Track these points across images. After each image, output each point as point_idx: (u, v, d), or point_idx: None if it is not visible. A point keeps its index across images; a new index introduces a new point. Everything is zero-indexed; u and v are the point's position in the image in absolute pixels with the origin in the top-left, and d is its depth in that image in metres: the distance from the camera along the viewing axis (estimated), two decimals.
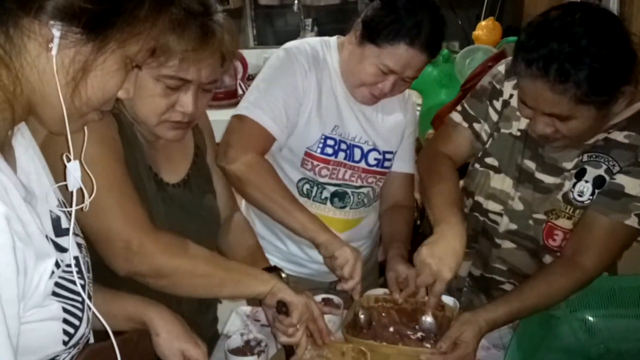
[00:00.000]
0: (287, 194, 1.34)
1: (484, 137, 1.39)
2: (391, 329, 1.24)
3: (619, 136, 1.22)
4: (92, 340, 0.84)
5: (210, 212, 1.27)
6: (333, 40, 1.49)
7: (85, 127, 0.77)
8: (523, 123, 1.31)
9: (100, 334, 0.84)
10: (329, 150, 1.45)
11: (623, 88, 1.11)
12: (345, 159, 1.46)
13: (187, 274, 1.04)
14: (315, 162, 1.44)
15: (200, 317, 1.29)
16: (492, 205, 1.36)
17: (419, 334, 1.22)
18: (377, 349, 1.14)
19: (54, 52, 0.63)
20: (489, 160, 1.37)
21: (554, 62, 1.07)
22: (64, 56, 0.65)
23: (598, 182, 1.22)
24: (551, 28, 1.10)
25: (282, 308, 1.09)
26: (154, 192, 1.12)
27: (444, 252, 1.20)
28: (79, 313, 0.73)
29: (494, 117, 1.36)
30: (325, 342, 1.14)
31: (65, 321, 0.71)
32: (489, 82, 1.38)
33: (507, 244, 1.36)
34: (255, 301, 1.35)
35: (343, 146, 1.46)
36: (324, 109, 1.44)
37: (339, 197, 1.50)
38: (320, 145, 1.44)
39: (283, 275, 1.27)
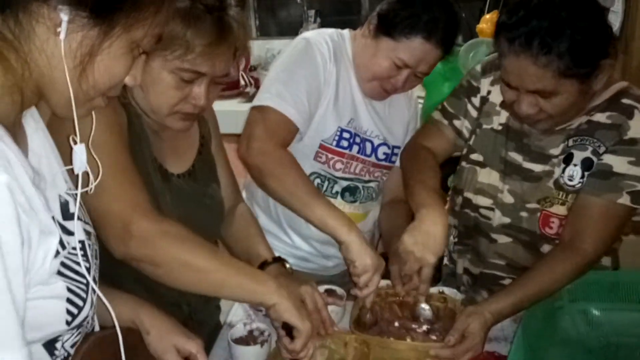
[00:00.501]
0: (310, 188, 1.29)
1: (466, 133, 1.42)
2: (396, 324, 1.25)
3: (601, 117, 1.23)
4: (97, 329, 0.85)
5: (214, 202, 1.27)
6: (346, 32, 1.49)
7: (93, 113, 0.78)
8: (503, 117, 1.34)
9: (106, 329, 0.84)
10: (345, 144, 1.44)
11: (603, 61, 1.13)
12: (358, 152, 1.46)
13: (184, 266, 0.98)
14: (330, 155, 1.44)
15: (203, 306, 1.30)
16: (481, 200, 1.37)
17: (425, 327, 1.22)
18: (387, 345, 1.14)
19: (62, 36, 0.65)
20: (474, 156, 1.39)
21: (536, 37, 1.09)
22: (71, 40, 0.66)
23: (586, 164, 1.23)
24: (530, 5, 1.12)
25: (290, 328, 1.04)
26: (159, 183, 1.12)
27: (425, 237, 1.20)
28: (83, 294, 0.74)
29: (474, 113, 1.39)
30: (328, 333, 1.14)
31: (69, 301, 0.72)
32: (466, 80, 1.41)
33: (503, 239, 1.37)
34: None
35: (357, 139, 1.46)
36: (341, 101, 1.43)
37: (350, 192, 1.50)
38: (337, 138, 1.43)
39: (287, 266, 1.27)
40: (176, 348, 0.98)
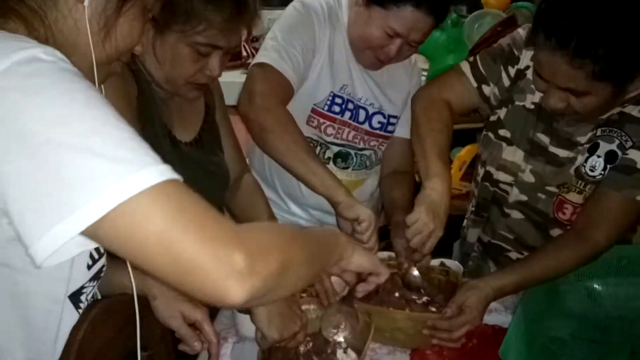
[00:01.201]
0: (308, 148, 1.30)
1: (493, 100, 1.37)
2: (396, 294, 1.26)
3: (634, 110, 1.21)
4: (99, 296, 0.86)
5: (220, 170, 1.28)
6: None
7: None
8: (537, 96, 1.29)
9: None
10: (336, 109, 1.44)
11: None
12: (350, 118, 1.46)
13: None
14: (322, 120, 1.44)
15: None
16: (502, 176, 1.36)
17: (425, 299, 1.23)
18: (386, 315, 1.16)
19: (86, 2, 0.68)
20: (502, 131, 1.36)
21: (575, 36, 1.05)
22: (96, 5, 0.69)
23: (610, 157, 1.22)
24: (573, 1, 1.07)
25: None
26: (169, 150, 1.13)
27: (437, 209, 1.20)
28: (100, 248, 0.75)
29: (506, 82, 1.35)
30: (330, 303, 1.15)
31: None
32: (508, 44, 1.34)
33: (516, 214, 1.37)
34: None
35: (350, 106, 1.45)
36: (335, 66, 1.42)
37: (342, 158, 1.49)
38: (328, 102, 1.43)
39: None
40: (182, 315, 0.99)
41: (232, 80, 1.41)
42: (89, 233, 0.57)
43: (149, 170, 0.57)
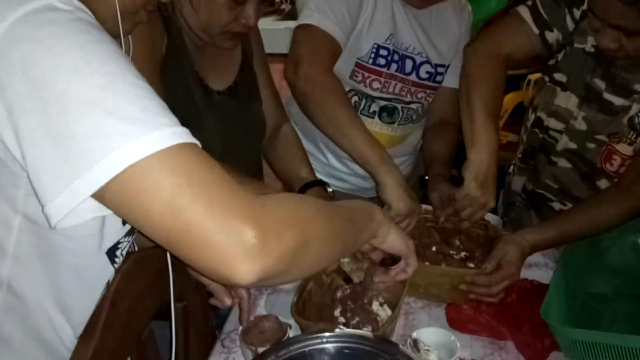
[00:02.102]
0: (352, 119, 1.22)
1: (555, 46, 1.28)
2: (434, 249, 1.23)
3: None
4: (136, 249, 0.86)
5: (256, 120, 1.26)
6: None
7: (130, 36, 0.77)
8: None
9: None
10: (382, 61, 1.37)
11: None
12: (397, 70, 1.39)
13: None
14: (367, 74, 1.38)
15: None
16: (553, 123, 1.31)
17: (463, 254, 1.20)
18: (421, 269, 1.12)
19: None
20: (558, 76, 1.30)
21: None
22: None
23: None
24: None
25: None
26: (201, 98, 1.11)
27: (487, 182, 1.17)
28: None
29: (570, 26, 1.25)
30: (364, 257, 1.13)
31: None
32: None
33: (563, 163, 1.32)
34: None
35: (395, 57, 1.38)
36: (379, 15, 1.35)
37: (387, 112, 1.44)
38: (372, 55, 1.36)
39: (329, 189, 1.26)
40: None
41: (263, 28, 1.35)
42: (98, 197, 0.54)
43: (162, 133, 0.54)
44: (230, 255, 0.54)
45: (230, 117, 1.18)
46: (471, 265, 1.17)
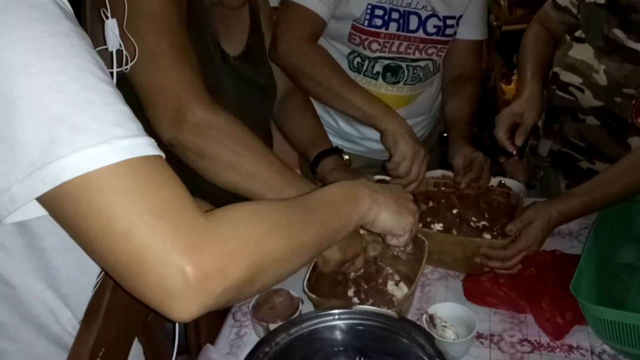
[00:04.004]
0: (344, 81, 1.21)
1: (572, 9, 1.28)
2: (455, 211, 1.18)
3: None
4: None
5: (268, 83, 1.22)
6: None
7: None
8: None
9: None
10: (378, 22, 1.30)
11: None
12: (398, 29, 1.31)
13: (229, 166, 0.93)
14: (364, 36, 1.31)
15: None
16: (570, 77, 1.26)
17: (481, 223, 1.15)
18: (433, 237, 1.09)
19: None
20: (578, 33, 1.25)
21: None
22: None
23: None
24: None
25: None
26: (220, 63, 1.07)
27: (524, 104, 1.27)
28: None
29: None
30: None
31: None
32: None
33: (591, 120, 1.26)
34: None
35: (395, 15, 1.30)
36: None
37: (391, 72, 1.37)
38: (367, 17, 1.29)
39: (345, 157, 1.21)
40: None
41: None
42: (39, 201, 0.51)
43: (111, 147, 0.49)
44: (166, 292, 0.50)
45: (245, 83, 1.14)
46: (487, 236, 1.12)
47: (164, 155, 0.54)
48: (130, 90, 0.90)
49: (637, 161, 1.11)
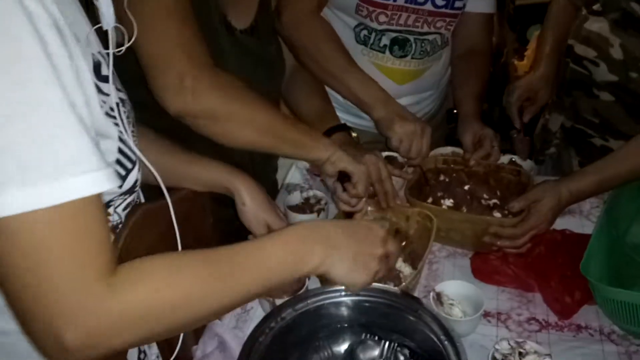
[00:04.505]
0: (343, 62, 1.21)
1: None
2: (466, 187, 1.17)
3: None
4: (142, 200, 0.82)
5: (277, 59, 1.20)
6: None
7: None
8: None
9: (152, 192, 0.81)
10: None
11: None
12: (407, 1, 1.28)
13: (243, 121, 0.95)
14: (371, 8, 1.27)
15: (265, 166, 1.28)
16: (584, 50, 1.23)
17: (492, 201, 1.13)
18: (442, 214, 1.07)
19: None
20: (595, 6, 1.21)
21: None
22: None
23: None
24: None
25: (345, 178, 1.03)
26: (224, 36, 1.05)
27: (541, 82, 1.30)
28: (132, 155, 0.69)
29: None
30: (390, 206, 1.08)
31: (117, 162, 0.67)
32: None
33: (606, 96, 1.23)
34: None
35: None
36: None
37: (399, 45, 1.34)
38: None
39: (354, 134, 1.20)
40: (267, 224, 0.99)
41: None
42: None
43: (55, 187, 0.49)
44: (46, 351, 0.53)
45: (251, 58, 1.12)
46: (497, 214, 1.11)
47: (114, 185, 0.55)
48: (136, 63, 0.88)
49: None
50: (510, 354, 0.81)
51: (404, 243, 1.04)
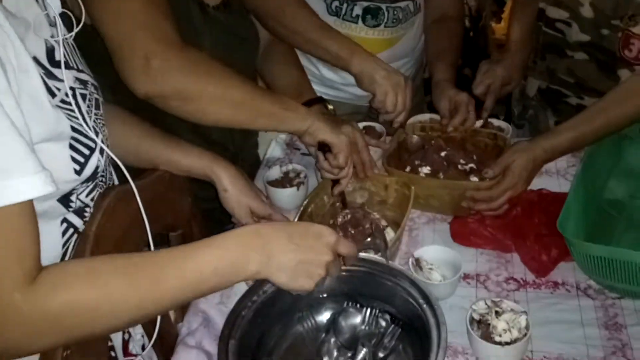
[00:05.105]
0: (316, 25, 1.17)
1: None
2: (443, 154, 1.17)
3: None
4: (116, 183, 0.82)
5: (250, 34, 1.19)
6: None
7: None
8: None
9: (135, 171, 0.81)
10: None
11: None
12: None
13: (215, 98, 0.92)
14: None
15: (245, 143, 1.27)
16: (556, 12, 1.21)
17: (469, 166, 1.14)
18: (420, 182, 1.08)
19: None
20: None
21: None
22: None
23: None
24: None
25: (326, 148, 1.02)
26: (197, 13, 1.03)
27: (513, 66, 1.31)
28: (90, 143, 0.68)
29: None
30: (367, 175, 1.09)
31: (72, 147, 0.67)
32: None
33: (580, 55, 1.23)
34: None
35: None
36: None
37: (371, 14, 1.33)
38: None
39: (330, 107, 1.19)
40: (250, 209, 1.00)
41: None
42: None
43: None
44: None
45: (225, 33, 1.10)
46: (475, 178, 1.11)
47: (46, 192, 0.55)
48: (102, 45, 0.87)
49: (623, 93, 1.08)
50: (487, 314, 0.83)
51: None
